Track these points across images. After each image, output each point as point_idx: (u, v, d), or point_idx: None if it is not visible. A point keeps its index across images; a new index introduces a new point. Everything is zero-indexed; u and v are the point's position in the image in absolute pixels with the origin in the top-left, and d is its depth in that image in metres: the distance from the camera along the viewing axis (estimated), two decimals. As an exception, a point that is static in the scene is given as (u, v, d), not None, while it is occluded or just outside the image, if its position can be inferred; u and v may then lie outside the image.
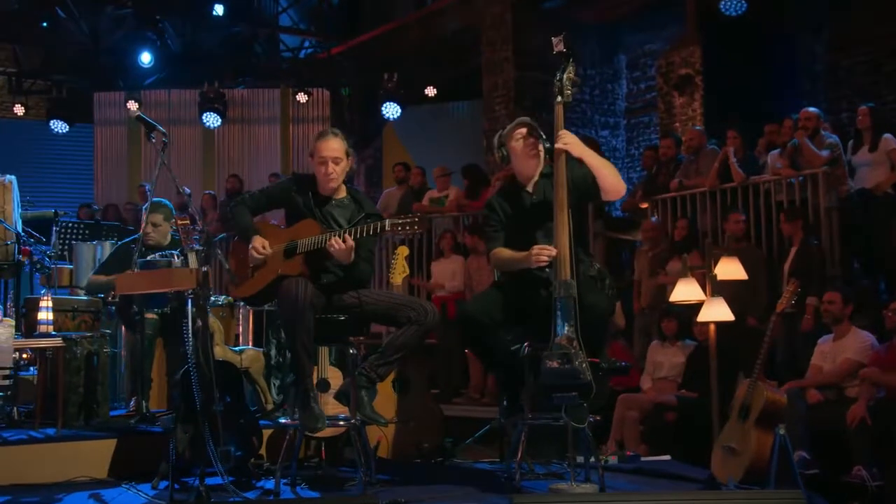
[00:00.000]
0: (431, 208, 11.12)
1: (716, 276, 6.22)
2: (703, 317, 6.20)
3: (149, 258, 4.97)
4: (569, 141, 4.76)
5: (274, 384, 6.76)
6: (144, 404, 6.23)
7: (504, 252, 4.99)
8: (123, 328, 7.09)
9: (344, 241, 4.73)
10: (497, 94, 13.11)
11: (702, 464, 6.24)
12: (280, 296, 4.74)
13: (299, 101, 14.96)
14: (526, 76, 12.92)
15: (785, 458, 4.75)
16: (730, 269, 6.46)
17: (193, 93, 14.93)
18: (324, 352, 5.74)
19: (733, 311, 6.25)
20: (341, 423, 5.14)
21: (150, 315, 6.25)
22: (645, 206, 10.09)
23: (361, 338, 5.42)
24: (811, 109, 8.95)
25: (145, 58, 14.08)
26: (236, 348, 6.87)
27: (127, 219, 12.28)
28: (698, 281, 6.47)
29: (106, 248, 7.84)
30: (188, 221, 5.30)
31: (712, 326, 6.14)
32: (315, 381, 5.06)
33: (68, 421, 5.96)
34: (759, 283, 8.06)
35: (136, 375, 6.38)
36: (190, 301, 4.45)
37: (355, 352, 4.97)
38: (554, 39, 4.76)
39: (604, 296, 4.77)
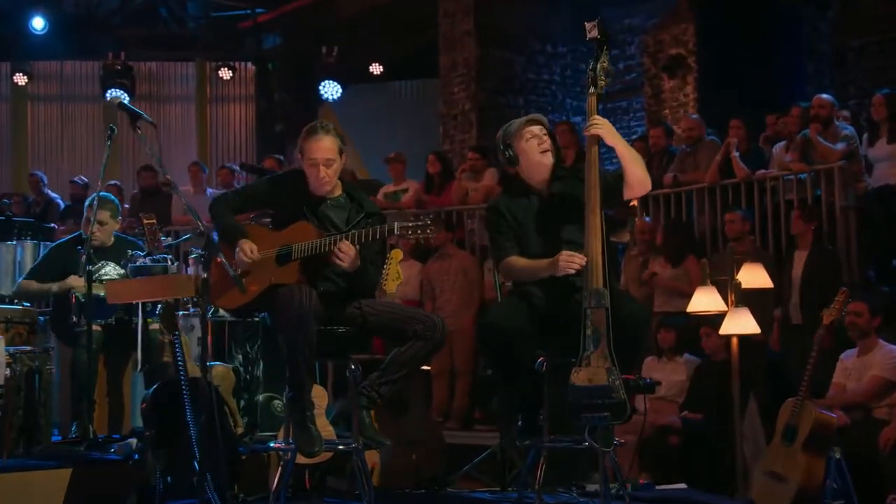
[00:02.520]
0: (386, 204, 11.18)
1: (740, 283, 6.53)
2: (725, 329, 6.51)
3: (139, 263, 5.15)
4: (601, 124, 4.97)
5: (240, 404, 6.95)
6: (91, 428, 6.42)
7: (520, 260, 5.13)
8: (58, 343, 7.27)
9: (347, 249, 4.86)
10: (456, 74, 13.28)
11: (715, 491, 6.63)
12: (280, 303, 4.85)
13: (221, 78, 15.08)
14: (490, 54, 13.17)
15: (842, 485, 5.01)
16: (754, 276, 6.77)
17: (93, 65, 14.97)
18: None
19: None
20: (341, 447, 5.38)
21: (94, 327, 6.42)
22: (634, 203, 10.31)
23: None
24: (825, 97, 9.15)
25: (38, 23, 14.04)
26: (204, 364, 7.02)
27: (16, 212, 12.27)
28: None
29: (27, 250, 7.94)
30: (154, 220, 5.52)
31: (735, 340, 6.48)
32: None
33: (9, 449, 6.11)
34: (769, 292, 8.14)
35: (79, 396, 6.54)
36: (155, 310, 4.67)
37: (356, 368, 5.19)
38: (587, 25, 5.04)
39: (640, 307, 5.05)
